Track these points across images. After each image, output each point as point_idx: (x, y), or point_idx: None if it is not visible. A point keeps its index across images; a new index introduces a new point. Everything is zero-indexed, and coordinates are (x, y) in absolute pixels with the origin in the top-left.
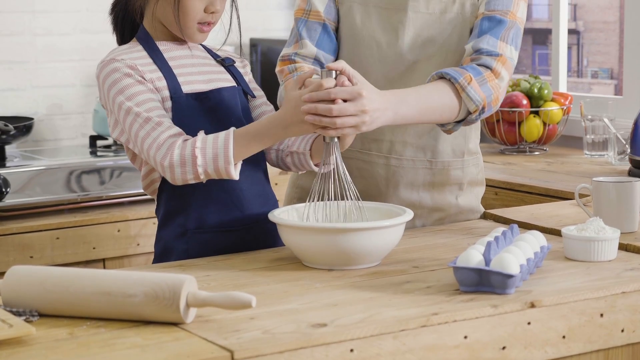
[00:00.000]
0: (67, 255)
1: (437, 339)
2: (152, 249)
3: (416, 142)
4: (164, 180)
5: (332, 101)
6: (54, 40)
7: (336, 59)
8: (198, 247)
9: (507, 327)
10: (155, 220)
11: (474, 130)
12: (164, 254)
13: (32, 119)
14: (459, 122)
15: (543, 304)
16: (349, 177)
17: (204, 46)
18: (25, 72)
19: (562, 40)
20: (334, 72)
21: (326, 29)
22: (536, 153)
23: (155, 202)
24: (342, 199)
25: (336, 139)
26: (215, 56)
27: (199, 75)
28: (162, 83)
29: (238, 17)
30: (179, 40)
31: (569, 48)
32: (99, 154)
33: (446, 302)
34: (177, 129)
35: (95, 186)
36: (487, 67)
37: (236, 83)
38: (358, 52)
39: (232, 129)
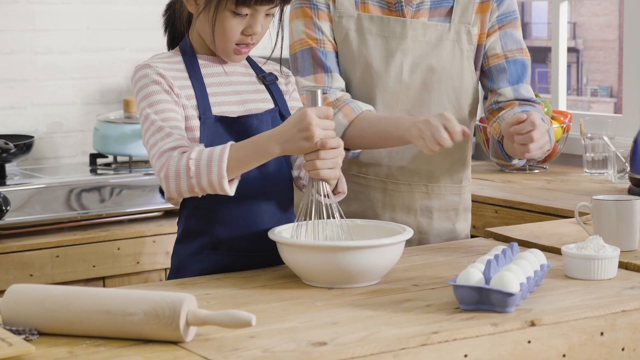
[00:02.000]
0: (66, 274)
1: (437, 358)
2: (152, 267)
3: (413, 167)
4: (185, 198)
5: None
6: (55, 59)
7: None
8: (213, 267)
9: (507, 345)
10: (155, 239)
11: (469, 157)
12: (179, 269)
13: (32, 137)
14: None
15: (543, 323)
16: (330, 193)
17: (249, 58)
18: (26, 90)
19: (561, 58)
20: (319, 91)
21: (337, 57)
22: (536, 171)
23: (178, 214)
24: (328, 217)
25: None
26: (258, 71)
27: (234, 95)
28: (192, 102)
29: (282, 33)
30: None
31: (569, 66)
32: (99, 172)
33: (446, 321)
34: (183, 142)
35: (95, 204)
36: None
37: (274, 103)
38: (354, 79)
39: (230, 143)
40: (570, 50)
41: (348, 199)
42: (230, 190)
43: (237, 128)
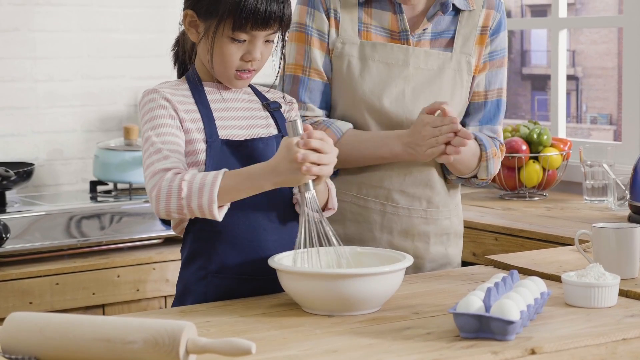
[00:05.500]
0: (66, 301)
1: None
2: (152, 295)
3: (413, 192)
4: (191, 221)
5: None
6: (55, 86)
7: (331, 111)
8: (217, 291)
9: None
10: (156, 266)
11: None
12: (183, 294)
13: (32, 164)
14: (461, 178)
15: (544, 351)
16: (326, 224)
17: (253, 87)
18: (27, 118)
19: (561, 86)
20: (297, 120)
21: (325, 87)
22: (536, 198)
23: (182, 242)
24: (324, 244)
25: (311, 189)
26: (262, 99)
27: (240, 120)
28: (198, 125)
29: (285, 60)
30: None
31: (568, 94)
32: (99, 199)
33: (446, 349)
34: (178, 165)
35: (95, 232)
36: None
37: (278, 130)
38: (356, 106)
39: (224, 170)
40: (570, 77)
41: (346, 220)
42: (219, 215)
43: (243, 151)
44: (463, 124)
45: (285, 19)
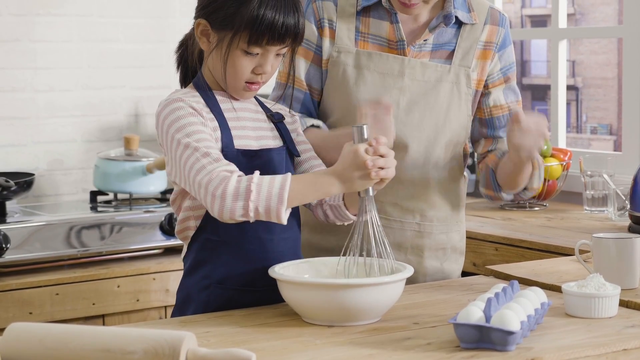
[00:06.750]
0: (66, 311)
1: None
2: (152, 305)
3: (406, 205)
4: (198, 231)
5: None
6: (55, 97)
7: (325, 119)
8: (219, 301)
9: None
10: (155, 276)
11: (463, 199)
12: (184, 303)
13: (33, 174)
14: (509, 194)
15: None
16: (383, 231)
17: (257, 99)
18: (27, 128)
19: (561, 96)
20: (364, 126)
21: (305, 96)
22: (536, 208)
23: (184, 250)
24: (378, 254)
25: (372, 194)
26: (266, 110)
27: (251, 130)
28: (216, 134)
29: (294, 73)
30: None
31: (568, 104)
32: (99, 209)
33: (447, 359)
34: (234, 166)
35: (95, 242)
36: None
37: (283, 141)
38: (351, 114)
39: (289, 173)
40: (570, 88)
41: (340, 231)
42: (285, 218)
43: (257, 161)
44: (489, 137)
45: (300, 34)
